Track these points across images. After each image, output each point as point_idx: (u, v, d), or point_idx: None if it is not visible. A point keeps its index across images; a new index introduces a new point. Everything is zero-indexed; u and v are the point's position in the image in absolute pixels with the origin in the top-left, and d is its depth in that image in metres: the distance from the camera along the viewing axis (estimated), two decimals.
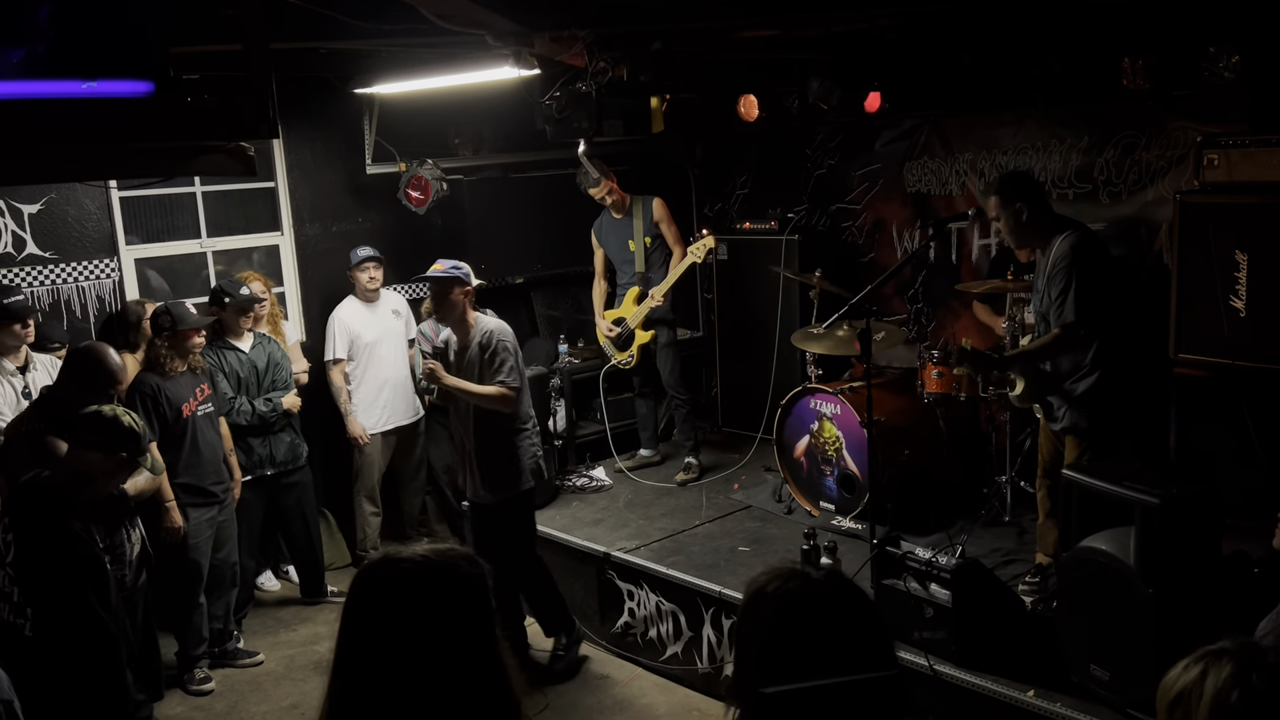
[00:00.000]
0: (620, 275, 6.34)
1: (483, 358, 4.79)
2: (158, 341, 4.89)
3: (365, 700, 1.59)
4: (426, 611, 1.61)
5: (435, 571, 1.65)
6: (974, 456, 5.51)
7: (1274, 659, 1.46)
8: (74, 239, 5.62)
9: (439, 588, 1.64)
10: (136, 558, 4.35)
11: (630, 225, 6.19)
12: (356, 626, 1.64)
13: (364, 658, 1.61)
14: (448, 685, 1.60)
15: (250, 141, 2.89)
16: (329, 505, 6.40)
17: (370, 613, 1.63)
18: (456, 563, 1.67)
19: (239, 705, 4.99)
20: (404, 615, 1.61)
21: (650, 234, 6.16)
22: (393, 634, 1.60)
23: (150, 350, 4.94)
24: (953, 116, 6.12)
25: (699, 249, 5.91)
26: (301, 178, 6.44)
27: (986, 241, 6.10)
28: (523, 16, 4.08)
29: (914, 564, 4.00)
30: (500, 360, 4.75)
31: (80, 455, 3.49)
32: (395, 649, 1.59)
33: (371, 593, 1.65)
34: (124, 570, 4.27)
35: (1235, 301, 4.63)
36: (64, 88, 2.40)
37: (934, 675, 3.88)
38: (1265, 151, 4.52)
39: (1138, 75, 4.82)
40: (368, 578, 1.67)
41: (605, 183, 6.03)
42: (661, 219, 6.16)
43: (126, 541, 4.28)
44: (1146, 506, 3.38)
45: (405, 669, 1.59)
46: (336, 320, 6.10)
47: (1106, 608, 3.53)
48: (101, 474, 3.51)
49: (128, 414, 3.63)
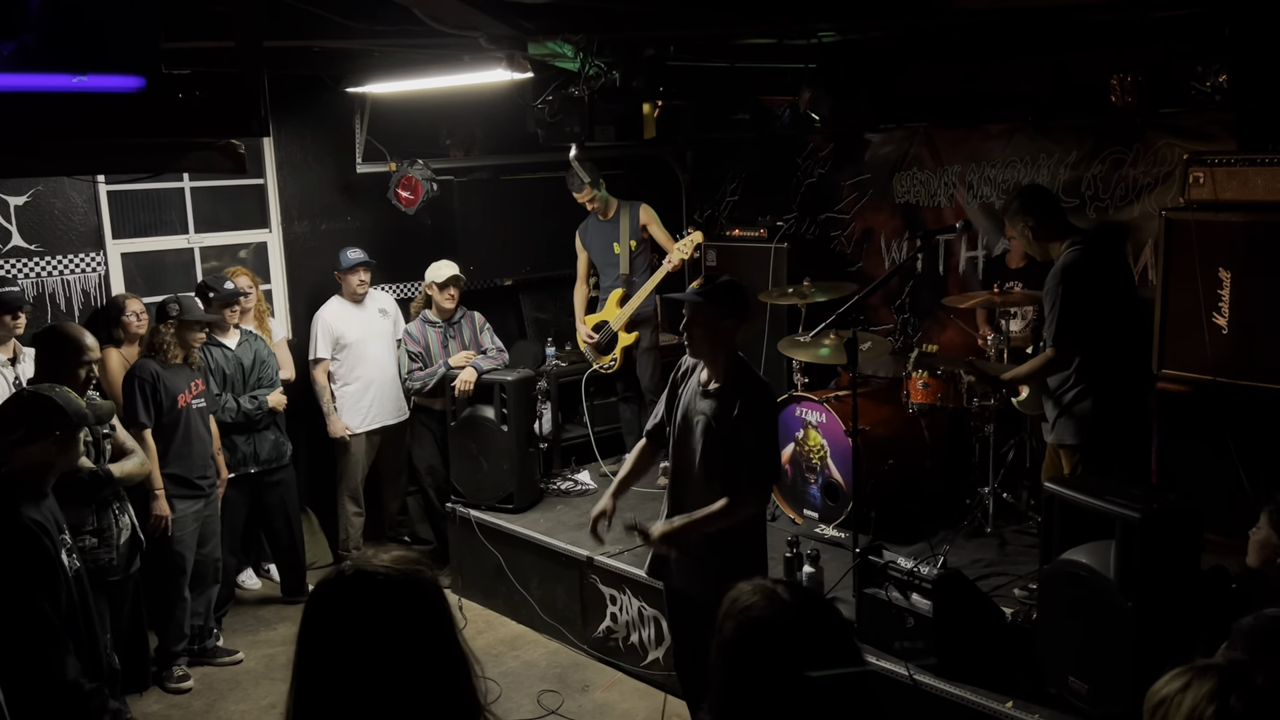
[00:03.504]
0: (603, 279, 6.35)
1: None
2: (162, 328, 4.90)
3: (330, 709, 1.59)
4: (391, 624, 1.60)
5: (397, 584, 1.63)
6: (957, 467, 5.54)
7: (1260, 682, 1.46)
8: (60, 232, 5.59)
9: (401, 601, 1.62)
10: (126, 543, 4.35)
11: (616, 228, 6.20)
12: (318, 640, 1.62)
13: (326, 671, 1.60)
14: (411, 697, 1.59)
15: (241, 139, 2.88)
16: (312, 504, 6.38)
17: (331, 628, 1.62)
18: (419, 572, 1.67)
19: (217, 704, 4.96)
20: (369, 630, 1.59)
21: (635, 238, 6.18)
22: (354, 650, 1.59)
23: (155, 336, 4.95)
24: (942, 128, 6.15)
25: (686, 245, 5.92)
26: (291, 175, 6.42)
27: (974, 253, 6.14)
28: (516, 20, 4.09)
29: (896, 573, 4.01)
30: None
31: (17, 454, 3.35)
32: (356, 665, 1.58)
33: (332, 609, 1.64)
34: (111, 554, 4.27)
35: (1218, 318, 4.67)
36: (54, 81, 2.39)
37: (914, 685, 3.89)
38: (1250, 170, 4.56)
39: (1126, 92, 4.88)
40: (329, 593, 1.66)
41: (588, 190, 6.04)
42: (649, 222, 6.19)
43: (115, 525, 4.28)
44: (1127, 520, 3.40)
45: (366, 682, 1.58)
46: (320, 320, 6.09)
47: (1086, 620, 3.55)
48: (48, 459, 3.40)
49: (35, 390, 3.47)
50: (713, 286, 3.61)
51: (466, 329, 6.15)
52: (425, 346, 6.05)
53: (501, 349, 6.19)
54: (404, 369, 6.06)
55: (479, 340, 6.15)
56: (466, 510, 5.90)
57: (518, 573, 5.64)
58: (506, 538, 5.70)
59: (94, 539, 4.23)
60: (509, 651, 5.40)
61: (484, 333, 6.19)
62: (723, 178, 7.48)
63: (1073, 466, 4.25)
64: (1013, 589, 4.54)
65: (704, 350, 3.65)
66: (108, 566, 4.27)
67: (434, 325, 6.08)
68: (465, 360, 5.95)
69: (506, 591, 5.72)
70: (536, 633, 5.55)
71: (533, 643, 5.49)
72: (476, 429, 5.86)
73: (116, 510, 4.31)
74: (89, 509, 4.19)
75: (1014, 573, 4.69)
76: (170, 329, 4.88)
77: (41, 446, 3.37)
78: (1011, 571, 4.71)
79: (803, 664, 1.60)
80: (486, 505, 5.87)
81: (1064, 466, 4.31)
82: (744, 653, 1.64)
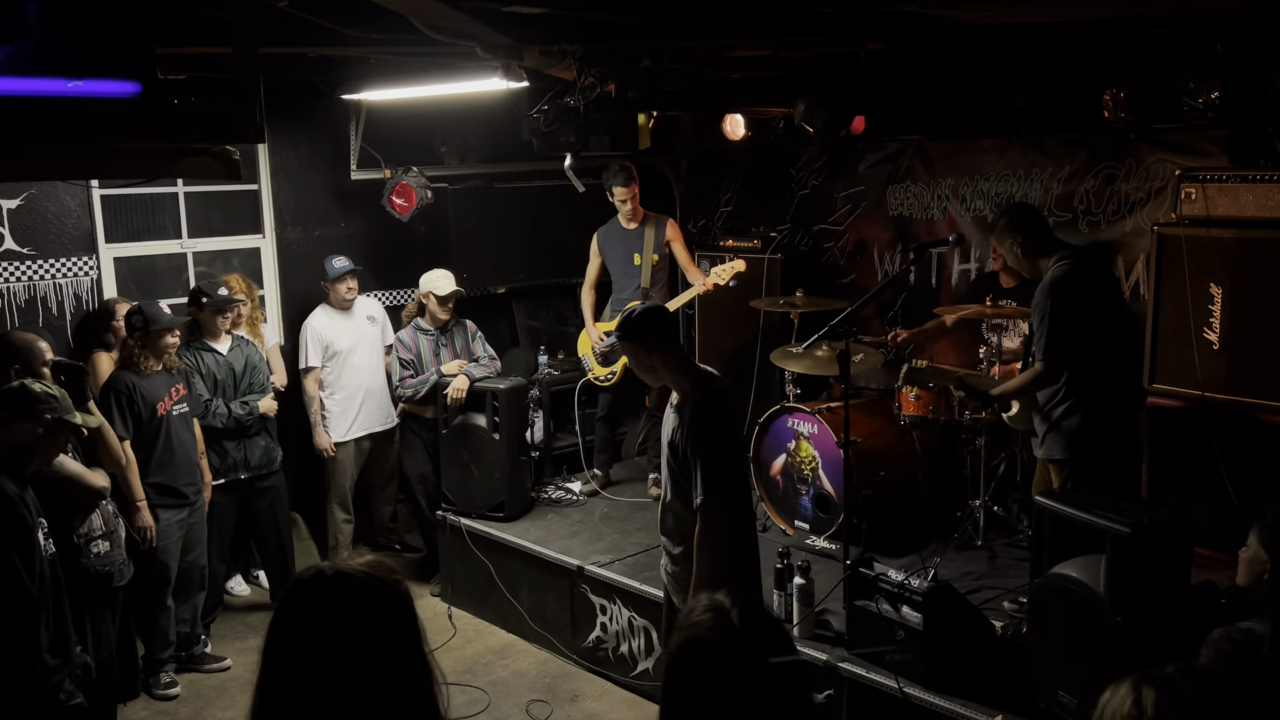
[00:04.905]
0: (619, 289, 6.23)
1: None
2: (130, 341, 4.88)
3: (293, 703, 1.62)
4: (360, 625, 1.65)
5: (371, 588, 1.68)
6: (949, 480, 5.55)
7: (1185, 695, 1.46)
8: (53, 236, 5.57)
9: (373, 604, 1.67)
10: (125, 544, 4.41)
11: (640, 239, 6.09)
12: (288, 635, 1.67)
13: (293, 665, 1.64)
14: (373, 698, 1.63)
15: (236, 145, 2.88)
16: (300, 510, 6.35)
17: (304, 623, 1.66)
18: (393, 579, 1.72)
19: (204, 710, 4.94)
20: (338, 628, 1.64)
21: (659, 252, 6.07)
22: (323, 646, 1.63)
23: (124, 349, 4.93)
24: (936, 142, 6.18)
25: (725, 271, 5.78)
26: (285, 181, 6.42)
27: (966, 266, 6.16)
28: (513, 30, 4.09)
29: (886, 586, 4.02)
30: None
31: (4, 434, 3.42)
32: (324, 661, 1.62)
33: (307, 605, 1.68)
34: (123, 557, 4.37)
35: (1209, 334, 4.69)
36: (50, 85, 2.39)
37: (904, 697, 3.90)
38: (1242, 187, 4.59)
39: (1119, 108, 4.91)
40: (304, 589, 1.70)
41: (634, 186, 5.96)
42: (673, 239, 6.08)
43: (118, 527, 4.39)
44: (1117, 535, 3.41)
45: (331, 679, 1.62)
46: (309, 328, 6.07)
47: (1075, 634, 3.56)
48: (34, 442, 3.45)
49: (34, 381, 3.56)
50: (624, 321, 3.59)
51: (459, 337, 6.14)
52: (417, 354, 6.04)
53: (494, 357, 6.18)
54: (395, 376, 6.04)
55: (471, 348, 6.14)
56: (457, 518, 5.89)
57: (508, 581, 5.63)
58: (497, 546, 5.69)
59: (105, 543, 4.26)
60: (498, 661, 5.39)
61: (476, 341, 6.18)
62: (716, 188, 7.49)
63: (1062, 481, 4.26)
64: (1003, 602, 4.55)
65: (651, 379, 3.70)
66: (120, 569, 4.34)
67: (426, 333, 6.07)
68: (458, 368, 5.95)
69: (496, 600, 5.71)
70: (526, 642, 5.54)
71: (522, 652, 5.48)
72: (468, 437, 5.86)
73: (114, 512, 4.37)
74: (93, 513, 4.24)
75: (1004, 586, 4.70)
76: (136, 342, 4.86)
77: (27, 428, 3.41)
78: (1001, 585, 4.72)
79: (738, 689, 1.59)
80: (477, 513, 5.86)
81: (1054, 481, 4.32)
82: (683, 672, 1.65)
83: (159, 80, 2.58)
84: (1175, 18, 4.25)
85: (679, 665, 1.65)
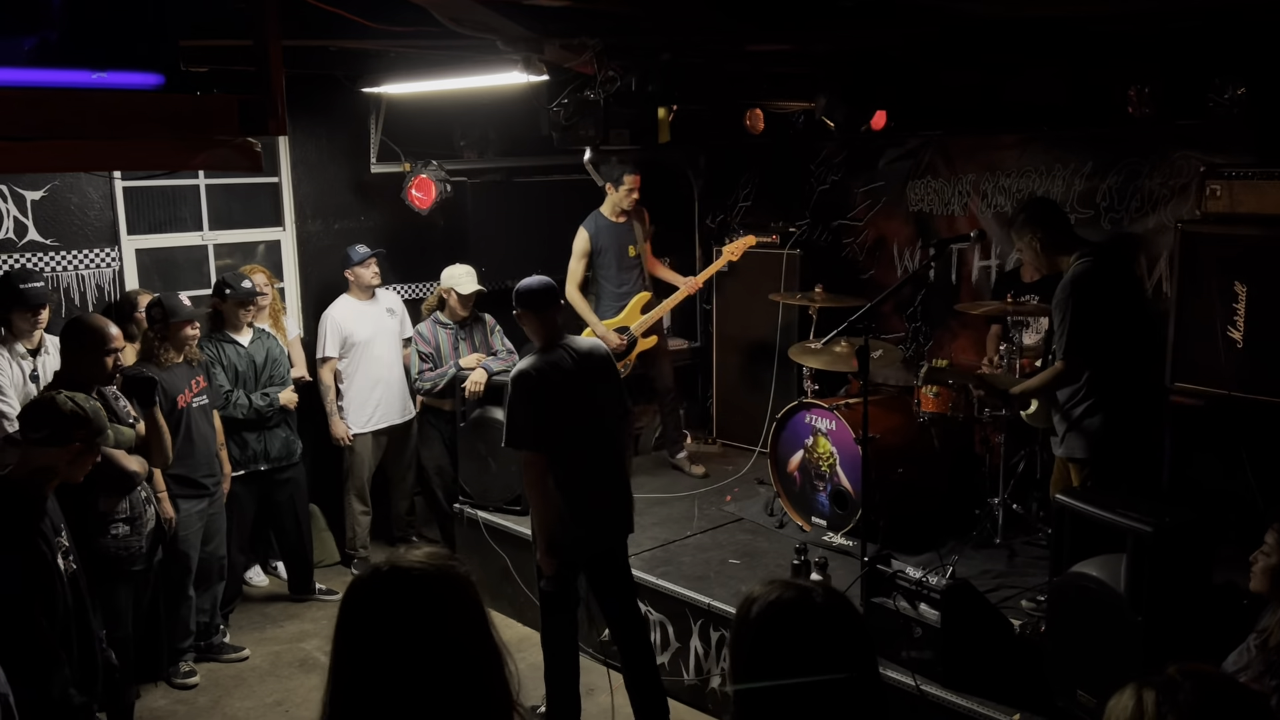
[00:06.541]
0: (619, 282, 6.28)
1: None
2: (150, 333, 4.90)
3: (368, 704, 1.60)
4: (428, 620, 1.62)
5: (432, 579, 1.66)
6: (967, 477, 5.52)
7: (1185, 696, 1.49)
8: (76, 227, 5.62)
9: (436, 595, 1.65)
10: (151, 533, 4.43)
11: (631, 231, 6.19)
12: (356, 638, 1.64)
13: (363, 666, 1.62)
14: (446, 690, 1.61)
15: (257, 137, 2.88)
16: (318, 502, 6.39)
17: (372, 624, 1.64)
18: (452, 567, 1.70)
19: (223, 700, 4.97)
20: (406, 626, 1.62)
21: (646, 240, 6.23)
22: (391, 645, 1.61)
23: (144, 341, 4.95)
24: (957, 137, 6.14)
25: (738, 246, 6.05)
26: (306, 174, 6.44)
27: (987, 263, 6.12)
28: (534, 23, 4.09)
29: (904, 583, 4.00)
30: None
31: (33, 455, 3.35)
32: (394, 659, 1.60)
33: (372, 605, 1.66)
34: (141, 543, 4.38)
35: (1233, 332, 4.64)
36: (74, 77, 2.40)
37: (920, 695, 3.88)
38: (1268, 184, 4.54)
39: (1143, 103, 4.84)
40: (366, 590, 1.67)
41: (638, 178, 6.03)
42: (648, 229, 6.30)
43: (145, 515, 4.41)
44: (1139, 534, 3.39)
45: (403, 676, 1.59)
46: (330, 319, 6.10)
47: (1095, 634, 3.54)
48: (57, 465, 3.38)
49: (70, 398, 3.46)
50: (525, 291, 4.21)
51: (477, 331, 6.16)
52: (436, 347, 6.05)
53: (512, 350, 6.19)
54: (414, 369, 6.06)
55: (490, 342, 6.15)
56: (474, 511, 5.90)
57: (524, 575, 5.63)
58: (513, 539, 5.70)
59: (126, 527, 4.30)
60: (514, 654, 5.36)
61: (495, 335, 6.19)
62: (735, 183, 7.47)
63: (1082, 481, 4.22)
64: (1021, 600, 4.52)
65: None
66: (135, 555, 4.35)
67: (445, 326, 6.08)
68: (476, 362, 5.96)
69: (512, 593, 5.71)
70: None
71: (538, 645, 5.47)
72: (485, 430, 5.86)
73: (145, 499, 4.41)
74: (124, 498, 4.27)
75: (1023, 584, 4.67)
76: (156, 334, 4.87)
77: (58, 452, 3.37)
78: (1020, 583, 4.69)
79: (825, 649, 1.65)
80: (494, 506, 5.87)
81: (1073, 480, 4.28)
82: (769, 636, 1.69)
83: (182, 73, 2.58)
84: (1201, 12, 4.20)
85: (759, 620, 1.69)
